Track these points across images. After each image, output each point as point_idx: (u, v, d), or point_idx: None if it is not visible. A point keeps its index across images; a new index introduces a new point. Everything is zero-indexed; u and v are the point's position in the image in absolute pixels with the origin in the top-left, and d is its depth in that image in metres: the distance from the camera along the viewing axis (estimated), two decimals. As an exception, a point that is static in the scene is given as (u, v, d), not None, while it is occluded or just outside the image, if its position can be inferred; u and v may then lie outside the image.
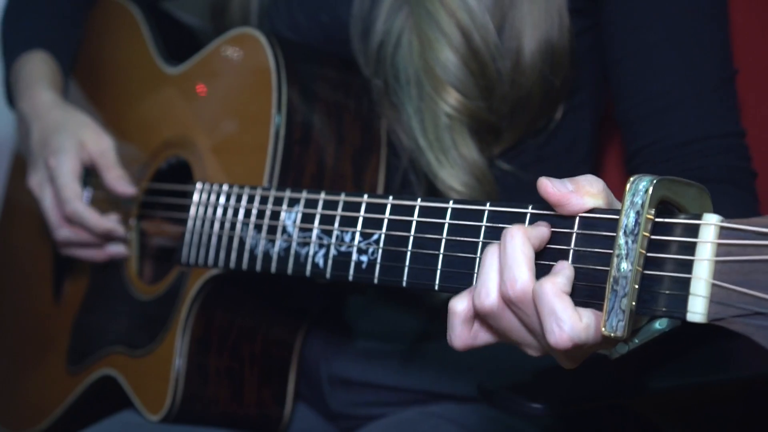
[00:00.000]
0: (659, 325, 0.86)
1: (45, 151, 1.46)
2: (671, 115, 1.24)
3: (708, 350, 1.31)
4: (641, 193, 0.81)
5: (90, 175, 1.50)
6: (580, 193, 0.87)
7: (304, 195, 1.14)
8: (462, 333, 0.92)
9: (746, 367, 1.34)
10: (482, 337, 0.93)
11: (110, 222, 1.44)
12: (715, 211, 1.12)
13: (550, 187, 0.87)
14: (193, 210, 1.29)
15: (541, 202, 0.91)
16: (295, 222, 1.14)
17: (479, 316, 0.90)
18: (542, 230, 0.89)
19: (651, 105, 1.25)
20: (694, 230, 0.79)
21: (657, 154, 1.25)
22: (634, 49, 1.26)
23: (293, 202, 1.15)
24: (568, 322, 0.82)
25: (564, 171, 1.38)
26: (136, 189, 1.45)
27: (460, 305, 0.91)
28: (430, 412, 1.40)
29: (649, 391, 1.26)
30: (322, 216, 1.11)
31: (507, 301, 0.86)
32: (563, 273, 0.85)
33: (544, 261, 0.89)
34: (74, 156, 1.44)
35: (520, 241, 0.86)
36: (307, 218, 1.13)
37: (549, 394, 1.23)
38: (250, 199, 1.21)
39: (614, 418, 1.47)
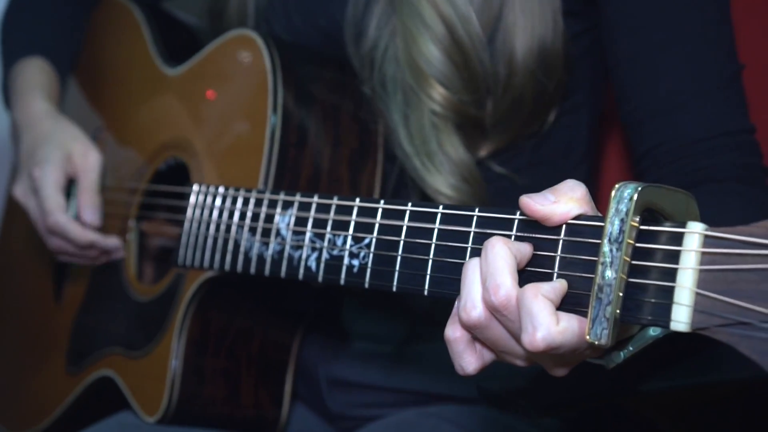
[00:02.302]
0: (653, 331, 0.86)
1: (30, 161, 1.46)
2: (678, 115, 1.23)
3: (706, 350, 1.31)
4: (626, 200, 0.80)
5: None
6: (563, 202, 0.87)
7: (297, 198, 1.14)
8: (470, 356, 0.91)
9: (745, 367, 1.33)
10: (487, 354, 0.92)
11: (93, 234, 1.44)
12: (725, 212, 1.13)
13: (532, 204, 0.87)
14: (189, 212, 1.29)
15: None
16: (288, 225, 1.14)
17: (468, 331, 0.90)
18: (524, 246, 0.88)
19: (657, 105, 1.24)
20: (678, 238, 0.78)
21: (665, 155, 1.24)
22: (637, 50, 1.25)
23: (287, 205, 1.15)
24: (543, 323, 0.82)
25: (560, 174, 1.37)
26: (99, 222, 1.44)
27: (455, 331, 0.91)
28: (428, 412, 1.40)
29: (648, 391, 1.26)
30: (315, 219, 1.11)
31: (491, 308, 0.86)
32: (551, 283, 0.85)
33: (531, 268, 0.89)
34: (58, 168, 1.43)
35: (501, 250, 0.86)
36: (301, 221, 1.13)
37: (548, 394, 1.23)
38: (245, 202, 1.21)
39: (613, 419, 1.47)
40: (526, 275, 0.89)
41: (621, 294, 0.80)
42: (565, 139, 1.37)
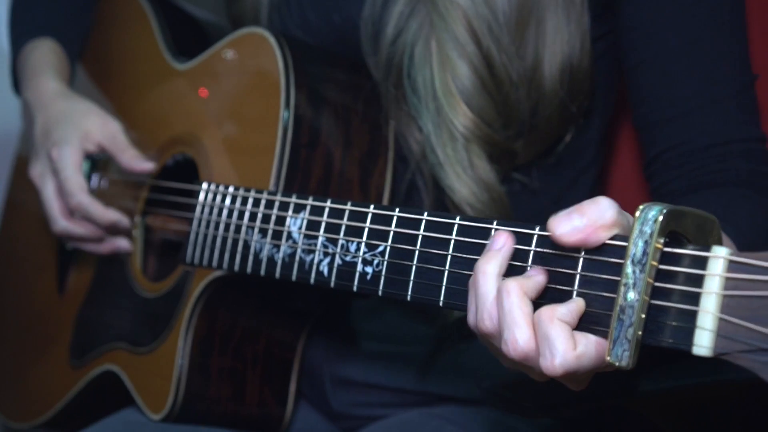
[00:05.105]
0: None
1: (47, 142, 1.45)
2: (690, 120, 1.23)
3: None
4: (650, 222, 0.80)
5: (95, 166, 1.50)
6: (596, 232, 0.85)
7: (309, 202, 1.13)
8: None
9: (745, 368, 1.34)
10: None
11: (115, 214, 1.43)
12: (731, 215, 1.13)
13: (564, 236, 0.85)
14: (198, 210, 1.29)
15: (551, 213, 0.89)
16: (300, 228, 1.14)
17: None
18: (537, 278, 0.88)
19: (670, 110, 1.24)
20: (702, 262, 0.78)
21: (675, 159, 1.24)
22: (654, 54, 1.25)
23: (299, 208, 1.15)
24: (559, 350, 0.82)
25: (570, 175, 1.38)
26: (155, 164, 1.44)
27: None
28: (432, 413, 1.40)
29: (648, 391, 1.26)
30: (328, 224, 1.11)
31: (511, 358, 0.86)
32: (568, 305, 0.84)
33: (550, 285, 0.89)
34: (77, 147, 1.43)
35: (516, 299, 0.85)
36: (313, 225, 1.12)
37: (550, 394, 1.23)
38: (256, 203, 1.21)
39: (614, 419, 1.48)
40: (545, 291, 0.89)
41: (643, 316, 0.80)
42: (576, 143, 1.37)
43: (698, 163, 1.23)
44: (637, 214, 0.81)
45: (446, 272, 0.98)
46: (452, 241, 0.98)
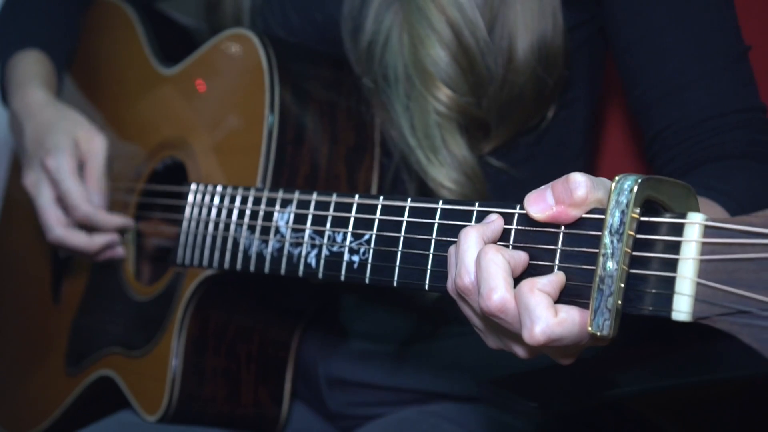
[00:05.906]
0: None
1: (40, 150, 1.46)
2: (685, 96, 1.22)
3: (705, 349, 1.31)
4: (626, 192, 0.81)
5: None
6: (566, 211, 0.86)
7: (296, 196, 1.14)
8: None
9: (745, 365, 1.34)
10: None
11: (120, 218, 1.45)
12: (728, 186, 1.13)
13: (537, 214, 0.87)
14: (187, 211, 1.29)
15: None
16: (287, 222, 1.15)
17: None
18: (520, 254, 0.89)
19: (663, 88, 1.23)
20: (678, 229, 0.79)
21: (673, 136, 1.23)
22: (642, 34, 1.24)
23: (286, 203, 1.15)
24: (540, 317, 0.82)
25: (556, 167, 1.38)
26: (105, 206, 1.45)
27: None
28: (429, 411, 1.40)
29: (647, 390, 1.26)
30: (314, 217, 1.11)
31: (488, 314, 0.86)
32: (548, 276, 0.85)
33: (532, 261, 0.89)
34: (70, 155, 1.44)
35: (494, 256, 0.86)
36: (300, 219, 1.13)
37: (547, 392, 1.23)
38: (243, 200, 1.21)
39: (613, 418, 1.47)
40: (528, 268, 0.89)
41: (622, 285, 0.81)
42: (562, 132, 1.37)
43: (695, 139, 1.22)
44: (613, 185, 0.82)
45: (431, 256, 0.98)
46: (435, 225, 0.98)
